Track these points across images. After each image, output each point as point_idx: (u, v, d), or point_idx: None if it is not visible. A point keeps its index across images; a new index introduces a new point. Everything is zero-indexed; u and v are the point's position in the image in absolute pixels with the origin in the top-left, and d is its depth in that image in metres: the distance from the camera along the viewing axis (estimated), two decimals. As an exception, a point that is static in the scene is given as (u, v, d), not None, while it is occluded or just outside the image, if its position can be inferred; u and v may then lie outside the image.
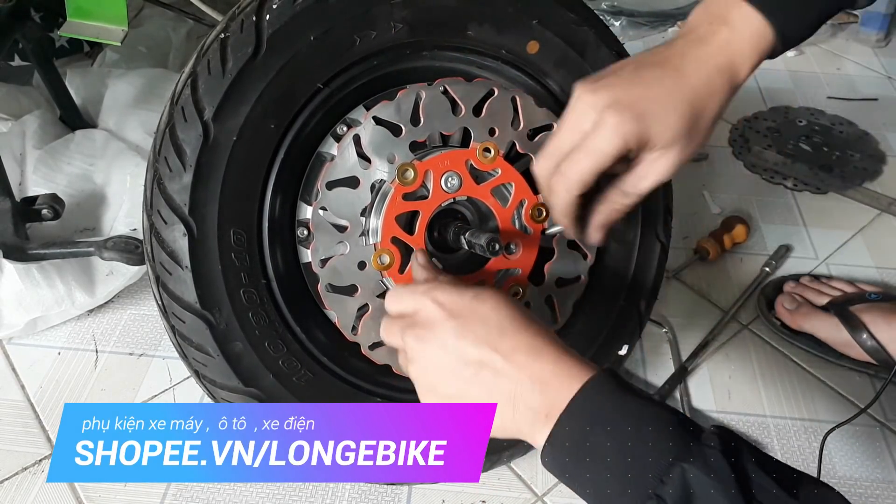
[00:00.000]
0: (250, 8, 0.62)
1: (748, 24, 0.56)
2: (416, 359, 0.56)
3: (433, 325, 0.54)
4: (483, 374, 0.53)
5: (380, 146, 0.64)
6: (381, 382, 0.72)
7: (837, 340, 0.92)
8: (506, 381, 0.52)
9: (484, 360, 0.53)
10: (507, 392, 0.52)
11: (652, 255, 0.81)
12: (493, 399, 0.53)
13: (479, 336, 0.53)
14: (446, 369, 0.54)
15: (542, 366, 0.52)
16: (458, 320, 0.54)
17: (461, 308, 0.54)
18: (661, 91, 0.55)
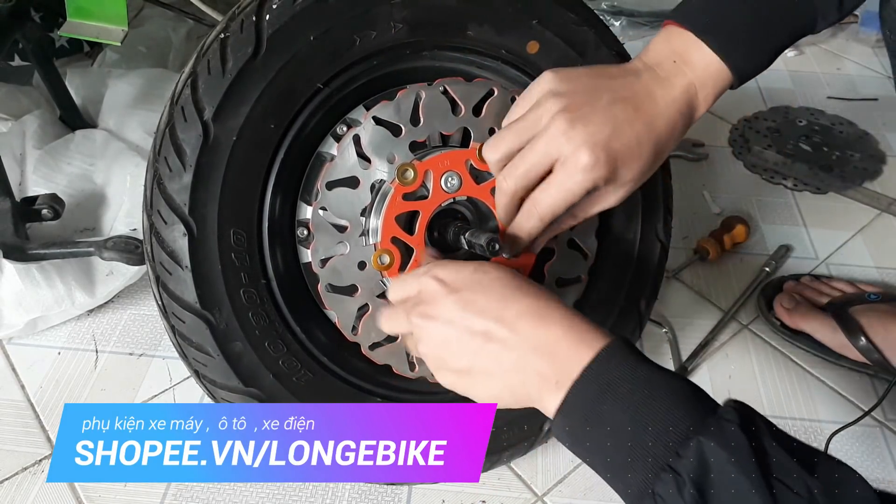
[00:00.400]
0: (250, 8, 0.62)
1: (707, 67, 0.60)
2: (424, 337, 0.56)
3: (436, 301, 0.54)
4: (490, 344, 0.52)
5: (380, 146, 0.64)
6: (381, 382, 0.72)
7: (834, 341, 0.92)
8: (513, 350, 0.52)
9: (489, 330, 0.52)
10: (515, 360, 0.52)
11: (652, 254, 0.81)
12: (501, 369, 0.53)
13: (483, 306, 0.53)
14: (454, 343, 0.54)
15: (549, 331, 0.51)
16: (461, 293, 0.54)
17: (463, 281, 0.55)
18: (632, 136, 0.57)
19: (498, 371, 0.53)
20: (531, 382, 0.51)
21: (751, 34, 0.61)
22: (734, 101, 1.40)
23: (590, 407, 0.48)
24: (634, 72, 0.60)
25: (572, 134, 0.56)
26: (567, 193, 0.58)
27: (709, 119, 1.37)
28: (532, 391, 0.52)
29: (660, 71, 0.60)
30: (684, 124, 0.61)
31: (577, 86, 0.58)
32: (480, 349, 0.53)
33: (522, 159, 0.59)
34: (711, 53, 0.59)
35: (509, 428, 0.77)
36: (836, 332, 0.91)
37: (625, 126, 0.57)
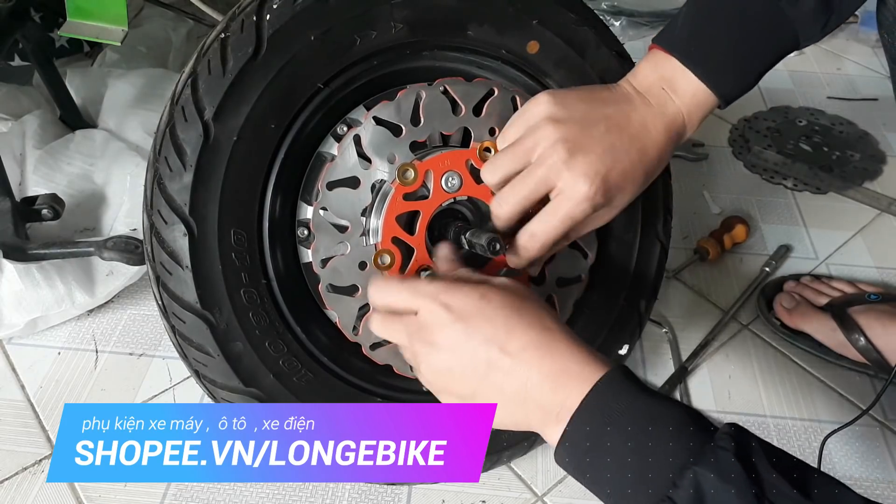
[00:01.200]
0: (250, 8, 0.62)
1: (695, 95, 0.63)
2: (427, 362, 0.56)
3: (441, 329, 0.55)
4: (493, 374, 0.53)
5: (380, 146, 0.64)
6: (381, 382, 0.72)
7: (834, 342, 0.92)
8: (515, 381, 0.52)
9: (492, 360, 0.53)
10: (517, 391, 0.52)
11: (652, 254, 0.81)
12: (504, 398, 0.53)
13: (487, 336, 0.53)
14: (457, 372, 0.55)
15: (551, 363, 0.52)
16: (465, 322, 0.54)
17: (468, 309, 0.54)
18: (627, 165, 0.60)
19: (500, 400, 0.54)
20: (533, 413, 0.52)
21: (735, 59, 0.64)
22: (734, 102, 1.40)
23: (590, 439, 0.49)
24: (627, 98, 0.62)
25: (572, 163, 0.58)
26: (566, 221, 0.60)
27: (709, 119, 1.36)
28: (534, 421, 0.53)
29: (650, 98, 0.62)
30: (672, 148, 0.64)
31: (575, 113, 0.60)
32: (484, 378, 0.53)
33: (521, 185, 0.60)
34: (697, 81, 0.62)
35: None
36: (835, 332, 0.91)
37: (621, 155, 0.60)
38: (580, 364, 0.51)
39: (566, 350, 0.52)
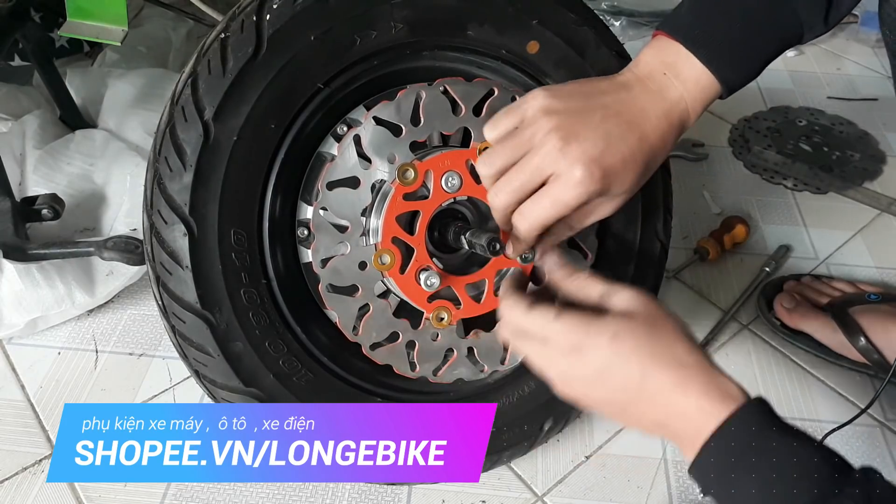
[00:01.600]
0: (250, 8, 0.62)
1: (698, 80, 0.61)
2: (561, 384, 0.57)
3: (574, 371, 0.55)
4: (630, 411, 0.54)
5: (380, 146, 0.64)
6: (381, 382, 0.72)
7: (834, 342, 0.92)
8: (653, 416, 0.53)
9: (629, 402, 0.54)
10: (658, 420, 0.53)
11: (652, 254, 0.81)
12: (642, 424, 0.55)
13: (620, 384, 0.53)
14: (594, 400, 0.56)
15: (687, 402, 0.51)
16: (596, 371, 0.54)
17: (601, 356, 0.53)
18: (625, 151, 0.59)
19: (637, 424, 0.55)
20: (672, 437, 0.53)
21: (739, 46, 0.62)
22: (734, 101, 1.40)
23: (720, 471, 0.49)
24: (626, 85, 0.61)
25: (567, 150, 0.57)
26: (559, 205, 0.58)
27: (709, 119, 1.37)
28: (671, 439, 0.54)
29: (651, 84, 0.61)
30: (675, 136, 0.62)
31: (570, 104, 0.59)
32: (622, 412, 0.55)
33: (517, 174, 0.59)
34: (701, 66, 0.61)
35: (509, 428, 0.77)
36: (835, 332, 0.91)
37: (618, 142, 0.58)
38: (715, 400, 0.51)
39: (702, 385, 0.51)
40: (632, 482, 0.81)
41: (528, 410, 0.78)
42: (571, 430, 0.85)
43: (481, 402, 0.75)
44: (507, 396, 0.77)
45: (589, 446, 0.85)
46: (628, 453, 0.84)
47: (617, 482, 0.81)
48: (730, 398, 0.51)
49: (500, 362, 0.72)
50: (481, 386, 0.76)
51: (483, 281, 0.68)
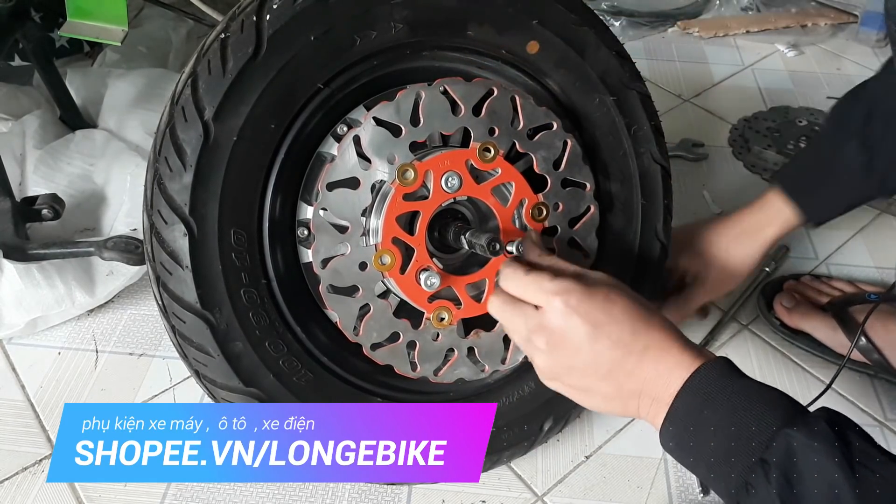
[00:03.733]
0: (250, 8, 0.62)
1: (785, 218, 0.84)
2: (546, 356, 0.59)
3: (566, 332, 0.58)
4: (615, 373, 0.57)
5: (380, 147, 0.64)
6: (381, 382, 0.72)
7: (833, 341, 0.92)
8: (636, 379, 0.56)
9: (617, 360, 0.57)
10: (636, 388, 0.57)
11: (652, 254, 0.81)
12: (621, 393, 0.57)
13: (614, 339, 0.57)
14: (577, 369, 0.58)
15: (668, 361, 0.56)
16: (592, 326, 0.57)
17: (594, 311, 0.57)
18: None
19: (616, 395, 0.58)
20: (645, 403, 0.57)
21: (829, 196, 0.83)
22: (734, 102, 1.41)
23: (693, 414, 0.53)
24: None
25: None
26: None
27: (709, 119, 1.37)
28: (643, 410, 0.57)
29: None
30: None
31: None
32: (605, 376, 0.57)
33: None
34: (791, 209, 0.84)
35: (509, 428, 0.77)
36: (836, 331, 0.91)
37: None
38: (691, 356, 0.56)
39: (679, 347, 0.56)
40: (632, 482, 0.81)
41: (528, 410, 0.78)
42: (571, 430, 0.85)
43: (481, 402, 0.75)
44: (508, 396, 0.77)
45: (589, 446, 0.85)
46: (628, 453, 0.84)
47: (617, 482, 0.81)
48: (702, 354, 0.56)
49: (501, 362, 0.72)
50: (482, 386, 0.76)
51: (483, 281, 0.68)
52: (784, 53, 1.57)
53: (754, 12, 1.71)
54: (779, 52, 1.58)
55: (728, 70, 1.51)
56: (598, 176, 0.76)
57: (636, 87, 0.77)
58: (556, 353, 0.59)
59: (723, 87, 1.47)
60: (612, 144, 0.76)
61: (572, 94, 0.74)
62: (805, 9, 1.70)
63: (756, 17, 1.69)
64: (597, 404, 0.61)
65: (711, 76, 1.50)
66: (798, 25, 1.65)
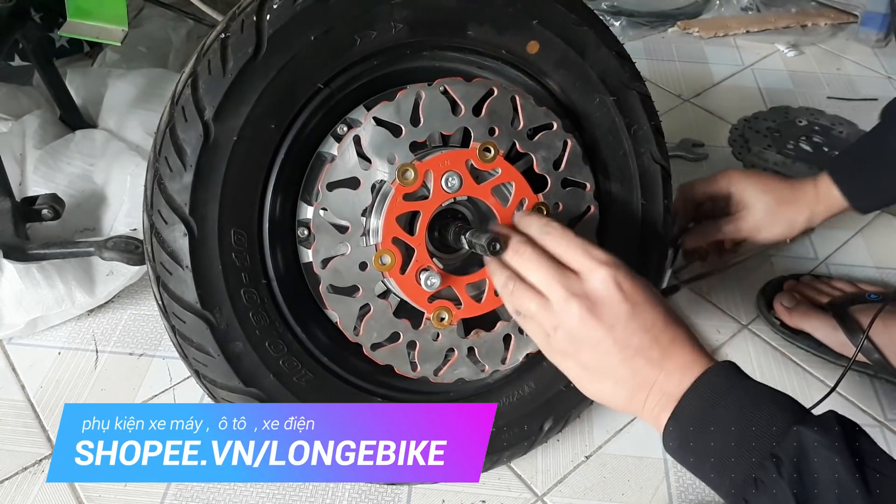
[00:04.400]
0: (251, 8, 0.62)
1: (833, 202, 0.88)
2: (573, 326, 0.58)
3: (607, 304, 0.57)
4: (637, 359, 0.56)
5: (380, 147, 0.64)
6: (381, 382, 0.72)
7: (834, 341, 0.92)
8: (655, 370, 0.56)
9: (644, 346, 0.56)
10: (652, 378, 0.56)
11: (652, 255, 0.81)
12: (635, 381, 0.57)
13: (648, 324, 0.57)
14: (603, 347, 0.57)
15: (686, 357, 0.56)
16: (632, 305, 0.57)
17: (636, 293, 0.57)
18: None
19: (629, 382, 0.57)
20: (655, 398, 0.56)
21: None
22: (734, 102, 1.40)
23: (698, 412, 0.53)
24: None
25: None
26: None
27: (709, 119, 1.37)
28: (652, 405, 0.56)
29: None
30: None
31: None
32: (626, 361, 0.57)
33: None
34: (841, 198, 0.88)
35: (509, 428, 0.77)
36: (836, 331, 0.91)
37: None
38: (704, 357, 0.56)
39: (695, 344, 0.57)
40: (632, 482, 0.81)
41: (529, 410, 0.78)
42: (571, 430, 0.85)
43: (481, 402, 0.75)
44: (508, 396, 0.77)
45: (589, 446, 0.85)
46: (628, 453, 0.84)
47: (617, 482, 0.81)
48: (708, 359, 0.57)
49: (501, 362, 0.72)
50: (482, 386, 0.76)
51: (484, 281, 0.68)
52: (784, 53, 1.57)
53: (754, 12, 1.71)
54: (779, 52, 1.58)
55: (728, 70, 1.51)
56: (598, 176, 0.76)
57: (636, 87, 0.77)
58: (589, 324, 0.57)
59: (723, 87, 1.47)
60: (612, 144, 0.77)
61: (572, 94, 0.74)
62: (805, 9, 1.70)
63: (756, 17, 1.69)
64: (602, 389, 0.58)
65: (711, 76, 1.50)
66: (798, 25, 1.65)
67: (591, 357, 0.58)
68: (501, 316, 0.72)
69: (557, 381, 0.78)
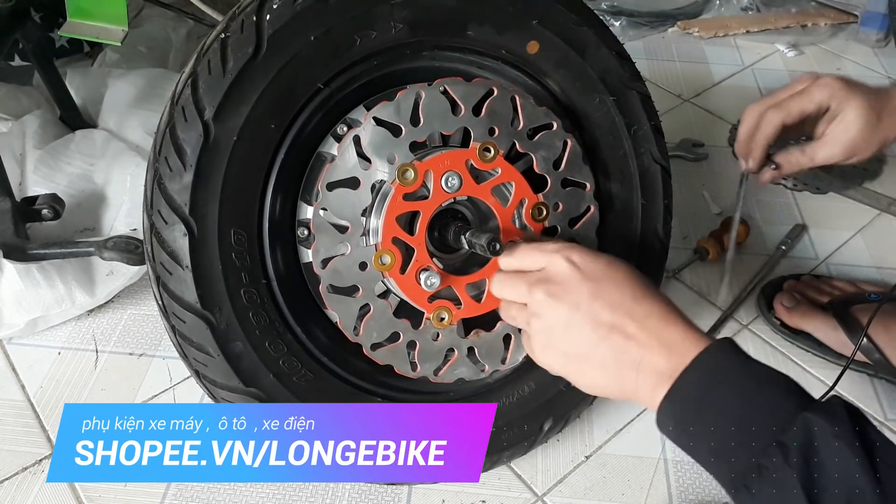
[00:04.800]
0: (250, 8, 0.62)
1: None
2: (543, 314, 0.57)
3: (566, 284, 0.56)
4: (613, 336, 0.55)
5: (380, 146, 0.64)
6: (381, 382, 0.72)
7: (835, 340, 0.92)
8: (635, 346, 0.54)
9: (616, 323, 0.55)
10: (635, 355, 0.54)
11: (652, 254, 0.81)
12: (618, 361, 0.55)
13: (615, 300, 0.55)
14: (574, 328, 0.56)
15: (671, 331, 0.54)
16: (594, 283, 0.56)
17: (596, 271, 0.56)
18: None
19: (613, 364, 0.55)
20: (645, 377, 0.54)
21: None
22: (734, 101, 1.40)
23: (697, 393, 0.51)
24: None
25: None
26: None
27: (709, 119, 1.37)
28: (643, 385, 0.54)
29: None
30: None
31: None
32: (602, 340, 0.55)
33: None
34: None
35: (509, 428, 0.77)
36: (836, 331, 0.91)
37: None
38: (696, 334, 0.53)
39: (684, 322, 0.54)
40: (632, 482, 0.81)
41: (529, 410, 0.78)
42: (571, 430, 0.85)
43: (482, 402, 0.75)
44: (508, 396, 0.77)
45: (589, 446, 0.85)
46: (628, 453, 0.84)
47: (617, 482, 0.81)
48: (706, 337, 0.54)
49: (501, 362, 0.72)
50: (482, 386, 0.76)
51: (483, 281, 0.68)
52: (784, 53, 1.57)
53: (754, 12, 1.71)
54: (779, 52, 1.58)
55: (728, 70, 1.51)
56: (598, 176, 0.76)
57: (636, 87, 0.77)
58: (556, 309, 0.56)
59: (723, 87, 1.47)
60: (612, 144, 0.77)
61: (572, 94, 0.74)
62: (805, 9, 1.71)
63: (756, 17, 1.69)
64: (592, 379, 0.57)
65: (711, 76, 1.50)
66: (798, 25, 1.65)
67: (566, 343, 0.57)
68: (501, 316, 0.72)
69: (557, 381, 0.78)
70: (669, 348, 0.53)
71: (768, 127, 0.79)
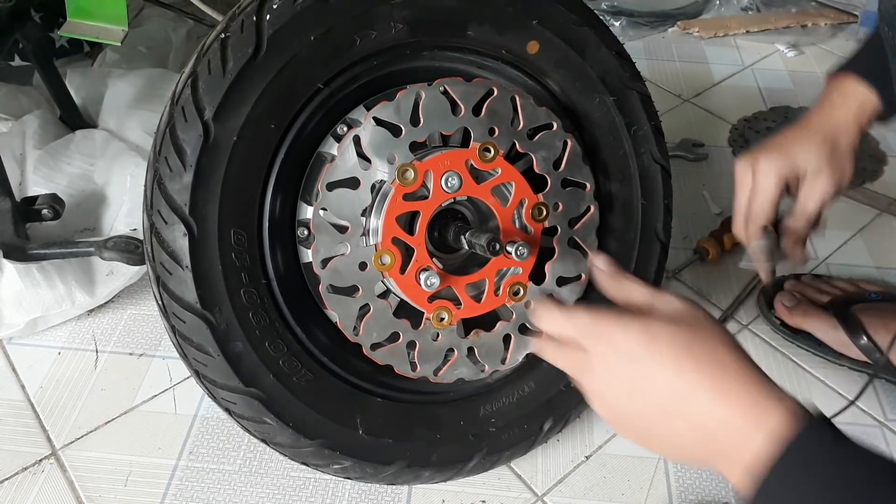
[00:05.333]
0: (250, 8, 0.62)
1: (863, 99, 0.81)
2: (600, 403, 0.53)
3: (611, 373, 0.52)
4: (667, 419, 0.50)
5: (380, 146, 0.64)
6: (381, 382, 0.72)
7: (835, 340, 0.92)
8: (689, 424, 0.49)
9: (664, 403, 0.50)
10: (694, 435, 0.49)
11: (652, 254, 0.81)
12: (681, 440, 0.50)
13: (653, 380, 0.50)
14: (632, 412, 0.52)
15: (726, 407, 0.47)
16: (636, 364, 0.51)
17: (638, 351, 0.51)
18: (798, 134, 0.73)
19: (678, 441, 0.50)
20: (715, 456, 0.49)
21: None
22: (734, 101, 1.40)
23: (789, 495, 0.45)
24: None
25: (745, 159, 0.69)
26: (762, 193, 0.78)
27: (709, 119, 1.37)
28: (718, 463, 0.49)
29: None
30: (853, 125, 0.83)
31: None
32: (658, 421, 0.50)
33: None
34: None
35: (509, 428, 0.77)
36: (837, 330, 0.91)
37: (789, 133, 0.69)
38: (758, 409, 0.47)
39: (742, 391, 0.48)
40: (632, 482, 0.81)
41: (528, 410, 0.78)
42: (571, 430, 0.85)
43: (481, 402, 0.76)
44: (508, 396, 0.77)
45: (589, 446, 0.85)
46: (628, 453, 0.84)
47: (617, 482, 0.81)
48: (778, 404, 0.46)
49: (501, 362, 0.72)
50: (482, 386, 0.76)
51: (483, 281, 0.68)
52: (784, 53, 1.57)
53: (754, 12, 1.71)
54: (779, 52, 1.58)
55: (728, 70, 1.51)
56: (598, 176, 0.76)
57: (636, 87, 0.77)
58: (607, 396, 0.53)
59: (723, 87, 1.47)
60: (612, 144, 0.77)
61: (572, 94, 0.74)
62: (805, 9, 1.71)
63: (756, 17, 1.69)
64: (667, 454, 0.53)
65: (711, 76, 1.50)
66: (798, 25, 1.66)
67: (633, 425, 0.52)
68: (501, 316, 0.72)
69: (557, 381, 0.78)
70: (726, 428, 0.47)
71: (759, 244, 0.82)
